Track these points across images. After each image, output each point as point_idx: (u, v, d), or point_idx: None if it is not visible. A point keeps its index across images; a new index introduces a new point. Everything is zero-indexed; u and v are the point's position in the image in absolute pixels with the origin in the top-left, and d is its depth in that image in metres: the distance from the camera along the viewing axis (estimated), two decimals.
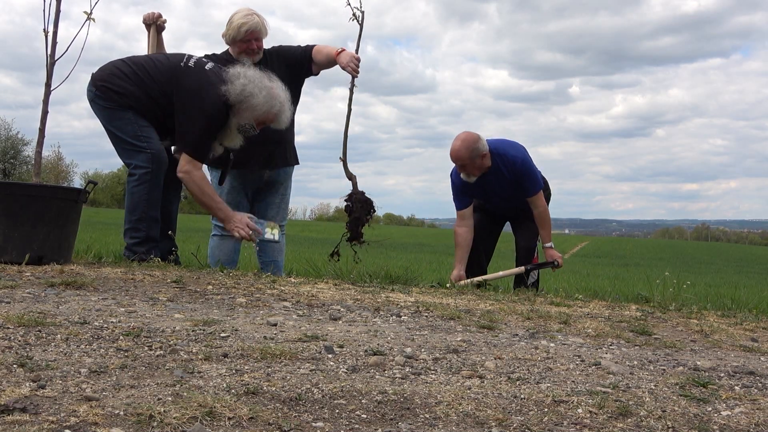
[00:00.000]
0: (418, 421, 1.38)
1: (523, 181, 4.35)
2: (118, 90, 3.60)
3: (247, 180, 4.08)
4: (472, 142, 4.21)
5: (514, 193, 4.41)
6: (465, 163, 4.25)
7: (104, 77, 3.64)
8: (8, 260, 3.14)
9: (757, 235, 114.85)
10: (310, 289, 3.10)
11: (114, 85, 3.60)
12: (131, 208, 3.65)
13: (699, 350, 2.38)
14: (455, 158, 4.27)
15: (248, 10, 3.96)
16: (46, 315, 2.07)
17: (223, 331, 2.04)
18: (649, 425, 1.44)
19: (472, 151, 4.20)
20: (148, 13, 4.03)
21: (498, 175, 4.33)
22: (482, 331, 2.41)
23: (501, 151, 4.34)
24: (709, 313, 3.42)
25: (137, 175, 3.59)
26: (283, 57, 4.07)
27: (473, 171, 4.28)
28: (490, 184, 4.36)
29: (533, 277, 4.44)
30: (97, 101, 3.65)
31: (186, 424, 1.24)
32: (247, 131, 3.65)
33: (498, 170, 4.31)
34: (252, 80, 3.56)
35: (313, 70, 4.08)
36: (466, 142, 4.21)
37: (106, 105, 3.62)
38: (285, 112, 3.68)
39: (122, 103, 3.59)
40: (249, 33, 3.91)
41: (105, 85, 3.61)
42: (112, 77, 3.63)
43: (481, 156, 4.24)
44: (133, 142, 3.60)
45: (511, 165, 4.32)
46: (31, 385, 1.39)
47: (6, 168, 39.06)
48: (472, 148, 4.20)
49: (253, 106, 3.55)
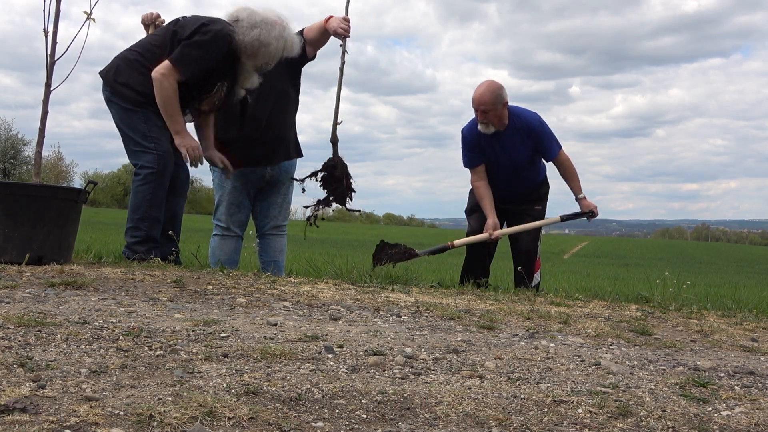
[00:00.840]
0: (418, 421, 1.38)
1: (541, 142, 4.30)
2: (129, 83, 3.61)
3: (249, 180, 4.08)
4: (497, 88, 4.17)
5: (525, 163, 4.34)
6: (488, 109, 4.15)
7: (114, 74, 3.67)
8: (8, 260, 3.14)
9: (757, 235, 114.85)
10: (310, 289, 3.10)
11: (124, 78, 3.63)
12: (134, 207, 3.67)
13: (699, 350, 2.38)
14: (479, 102, 4.17)
15: None
16: (46, 315, 2.07)
17: (223, 331, 2.04)
18: (649, 425, 1.44)
19: (496, 97, 4.15)
20: (147, 13, 4.04)
21: (514, 137, 4.26)
22: (482, 331, 2.41)
23: (518, 111, 4.31)
24: (709, 313, 3.42)
25: (142, 174, 3.61)
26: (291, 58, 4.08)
27: (493, 120, 4.20)
28: (505, 146, 4.28)
29: (537, 279, 4.39)
30: (113, 99, 3.68)
31: (186, 424, 1.24)
32: (263, 69, 3.70)
33: (515, 131, 4.26)
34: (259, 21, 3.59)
35: (308, 53, 4.04)
36: (491, 87, 4.17)
37: (120, 104, 3.65)
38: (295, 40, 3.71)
39: (135, 99, 3.61)
40: None
41: (117, 81, 3.64)
42: (122, 71, 3.65)
43: (503, 104, 4.18)
44: (141, 142, 3.62)
45: (528, 125, 4.27)
46: (31, 385, 1.39)
47: (6, 168, 39.05)
48: (497, 94, 4.15)
49: (269, 51, 3.59)
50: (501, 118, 4.22)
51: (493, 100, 4.14)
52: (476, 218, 4.46)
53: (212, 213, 4.26)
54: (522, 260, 4.40)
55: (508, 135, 4.27)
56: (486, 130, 4.24)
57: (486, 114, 4.19)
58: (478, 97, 4.18)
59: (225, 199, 4.10)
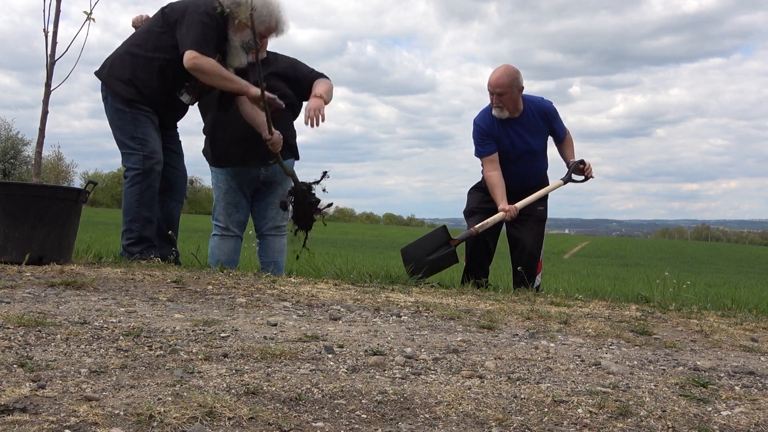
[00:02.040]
0: (418, 421, 1.38)
1: (555, 122, 4.35)
2: (124, 77, 3.62)
3: (244, 180, 4.08)
4: (514, 72, 4.19)
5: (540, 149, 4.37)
6: (504, 92, 4.16)
7: (106, 71, 3.69)
8: (8, 260, 3.14)
9: (757, 235, 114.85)
10: (310, 289, 3.10)
11: (118, 72, 3.64)
12: (125, 210, 3.69)
13: (699, 350, 2.38)
14: (495, 84, 4.17)
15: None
16: (46, 315, 2.07)
17: (223, 331, 2.04)
18: (649, 425, 1.44)
19: (513, 80, 4.16)
20: (137, 16, 4.05)
21: (530, 121, 4.29)
22: (482, 331, 2.41)
23: (531, 97, 4.34)
24: (709, 313, 3.42)
25: (129, 176, 3.63)
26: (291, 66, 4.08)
27: (508, 104, 4.21)
28: (520, 131, 4.29)
29: (538, 281, 4.34)
30: (108, 99, 3.69)
31: (186, 424, 1.24)
32: (250, 47, 3.64)
33: (531, 115, 4.28)
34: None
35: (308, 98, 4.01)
36: (508, 70, 4.19)
37: (113, 103, 3.66)
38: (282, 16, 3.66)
39: (125, 93, 3.61)
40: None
41: (112, 75, 3.65)
42: (116, 67, 3.67)
43: (519, 89, 4.20)
44: (127, 143, 3.62)
45: (544, 108, 4.31)
46: (31, 385, 1.39)
47: (6, 168, 39.05)
48: (514, 77, 4.16)
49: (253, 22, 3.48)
50: (515, 103, 4.23)
51: (509, 83, 4.15)
52: (476, 220, 4.40)
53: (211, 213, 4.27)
54: (524, 261, 4.34)
55: (524, 120, 4.29)
56: (500, 114, 4.25)
57: (501, 97, 4.19)
58: (495, 80, 4.18)
59: (222, 199, 4.10)
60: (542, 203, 4.49)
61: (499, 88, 4.17)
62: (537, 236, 4.36)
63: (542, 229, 4.44)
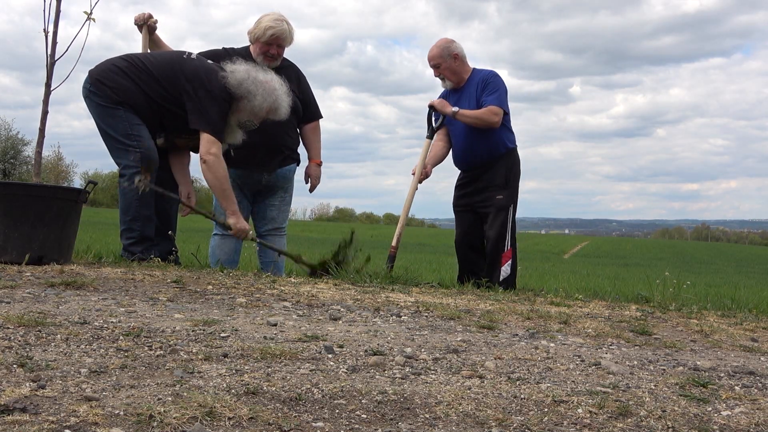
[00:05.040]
0: (418, 421, 1.38)
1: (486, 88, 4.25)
2: (112, 85, 3.57)
3: (246, 181, 4.09)
4: (445, 42, 4.37)
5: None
6: (437, 63, 4.34)
7: (100, 73, 3.62)
8: (8, 260, 3.14)
9: (757, 235, 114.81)
10: (310, 289, 3.10)
11: (109, 80, 3.58)
12: (124, 208, 3.66)
13: (699, 350, 2.38)
14: (429, 58, 4.39)
15: (279, 16, 3.98)
16: (46, 315, 2.07)
17: (223, 331, 2.04)
18: (649, 425, 1.44)
19: (443, 49, 4.33)
20: (139, 14, 4.03)
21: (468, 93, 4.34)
22: (482, 331, 2.41)
23: (482, 70, 4.43)
24: (709, 313, 3.42)
25: (128, 174, 3.59)
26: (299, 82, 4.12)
27: (447, 74, 4.36)
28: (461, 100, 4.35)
29: (505, 273, 4.16)
30: (92, 97, 3.62)
31: (186, 424, 1.24)
32: (247, 126, 3.68)
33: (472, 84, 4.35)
34: (248, 77, 3.57)
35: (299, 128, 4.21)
36: (439, 42, 4.39)
37: (100, 102, 3.60)
38: (283, 103, 3.68)
39: (116, 99, 3.57)
40: (273, 37, 3.93)
41: (100, 80, 3.59)
42: (108, 73, 3.61)
43: (452, 56, 4.32)
44: (123, 141, 3.58)
45: (483, 76, 4.34)
46: (31, 385, 1.39)
47: (6, 168, 39.05)
48: (444, 47, 4.34)
49: (252, 104, 3.57)
50: (454, 71, 4.36)
51: (440, 53, 4.34)
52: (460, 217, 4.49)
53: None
54: (491, 246, 4.24)
55: (464, 90, 4.39)
56: (444, 85, 4.42)
57: (438, 69, 4.38)
58: (428, 54, 4.42)
59: None
60: (503, 192, 4.27)
61: (432, 60, 4.37)
62: (499, 227, 4.22)
63: (504, 218, 4.24)
